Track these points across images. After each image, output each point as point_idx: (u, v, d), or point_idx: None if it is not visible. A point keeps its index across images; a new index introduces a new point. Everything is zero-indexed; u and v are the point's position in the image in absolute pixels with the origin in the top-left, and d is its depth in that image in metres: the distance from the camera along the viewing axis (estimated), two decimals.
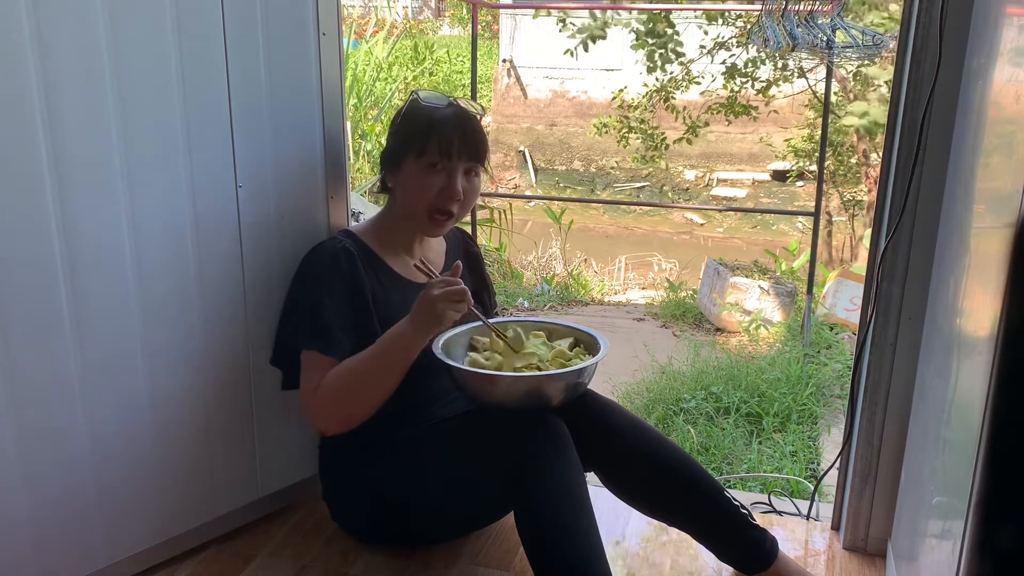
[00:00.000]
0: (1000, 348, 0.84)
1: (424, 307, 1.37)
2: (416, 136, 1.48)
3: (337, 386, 1.42)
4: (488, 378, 1.43)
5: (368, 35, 8.62)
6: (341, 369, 1.42)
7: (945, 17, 1.37)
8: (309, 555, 1.60)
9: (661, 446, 1.50)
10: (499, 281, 5.87)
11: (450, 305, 1.36)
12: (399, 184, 1.53)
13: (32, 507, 1.33)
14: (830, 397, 3.60)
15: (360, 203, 4.69)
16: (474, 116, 1.53)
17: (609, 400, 1.57)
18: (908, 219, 1.49)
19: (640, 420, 1.56)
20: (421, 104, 1.51)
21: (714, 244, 9.67)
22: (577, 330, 1.60)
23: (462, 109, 1.52)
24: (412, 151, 1.49)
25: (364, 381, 1.42)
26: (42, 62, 1.20)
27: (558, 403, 1.44)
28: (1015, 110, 0.94)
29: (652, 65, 5.87)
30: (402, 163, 1.51)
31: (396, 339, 1.40)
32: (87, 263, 1.31)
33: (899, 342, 1.54)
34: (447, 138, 1.47)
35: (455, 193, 1.49)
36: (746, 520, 1.49)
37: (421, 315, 1.38)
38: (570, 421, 1.43)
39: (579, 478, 1.37)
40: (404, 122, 1.52)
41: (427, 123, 1.48)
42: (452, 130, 1.47)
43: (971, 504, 0.88)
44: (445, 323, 1.39)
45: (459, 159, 1.48)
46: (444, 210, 1.51)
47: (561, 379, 1.43)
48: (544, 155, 12.80)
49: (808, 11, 3.61)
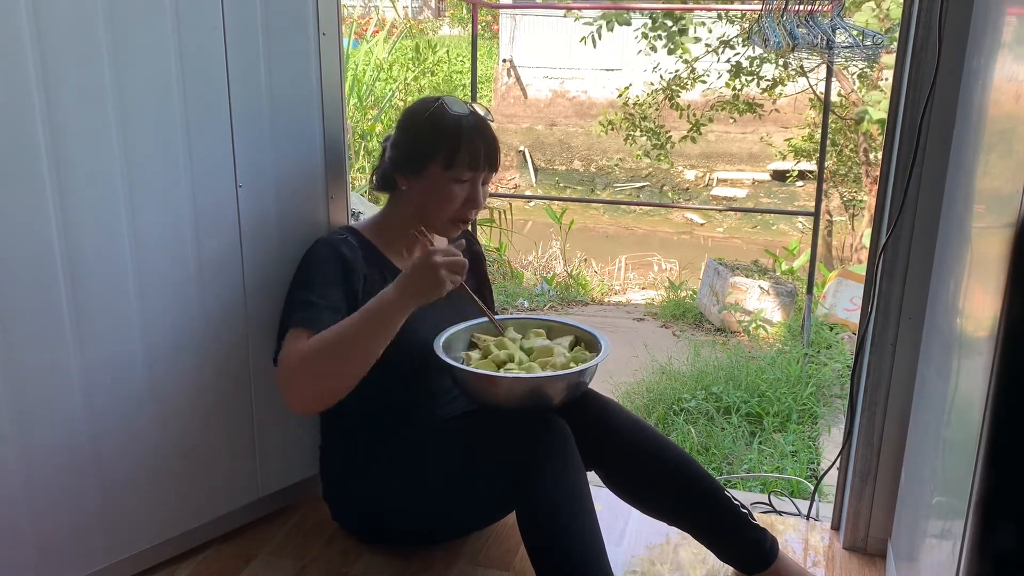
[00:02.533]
0: (1000, 348, 0.84)
1: (421, 271, 1.32)
2: (444, 145, 1.45)
3: (311, 354, 1.34)
4: (489, 379, 1.42)
5: (368, 35, 8.62)
6: (318, 337, 1.35)
7: (945, 17, 1.37)
8: (309, 555, 1.60)
9: (661, 445, 1.51)
10: (499, 281, 5.87)
11: (450, 274, 1.33)
12: (418, 189, 1.50)
13: (32, 507, 1.33)
14: (830, 397, 3.60)
15: (360, 203, 4.69)
16: (490, 124, 1.53)
17: (609, 399, 1.57)
18: (908, 218, 1.49)
19: (640, 419, 1.56)
20: (449, 112, 1.47)
21: (714, 244, 9.68)
22: (578, 328, 1.60)
23: (482, 118, 1.51)
24: (439, 160, 1.46)
25: (340, 349, 1.34)
26: (42, 63, 1.20)
27: (559, 403, 1.44)
28: (1015, 109, 0.94)
29: (672, 47, 5.84)
30: (425, 169, 1.48)
31: (380, 305, 1.34)
32: (87, 263, 1.31)
33: (899, 342, 1.54)
34: (475, 150, 1.46)
35: (479, 204, 1.50)
36: (746, 520, 1.50)
37: (415, 279, 1.33)
38: (571, 420, 1.43)
39: (580, 478, 1.37)
40: (430, 128, 1.48)
41: (455, 133, 1.46)
42: (479, 141, 1.47)
43: (971, 504, 0.88)
44: (439, 291, 1.33)
45: (484, 170, 1.49)
46: (464, 219, 1.52)
47: (562, 380, 1.43)
48: (544, 155, 12.80)
49: (808, 11, 3.61)
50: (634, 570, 1.59)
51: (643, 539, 1.69)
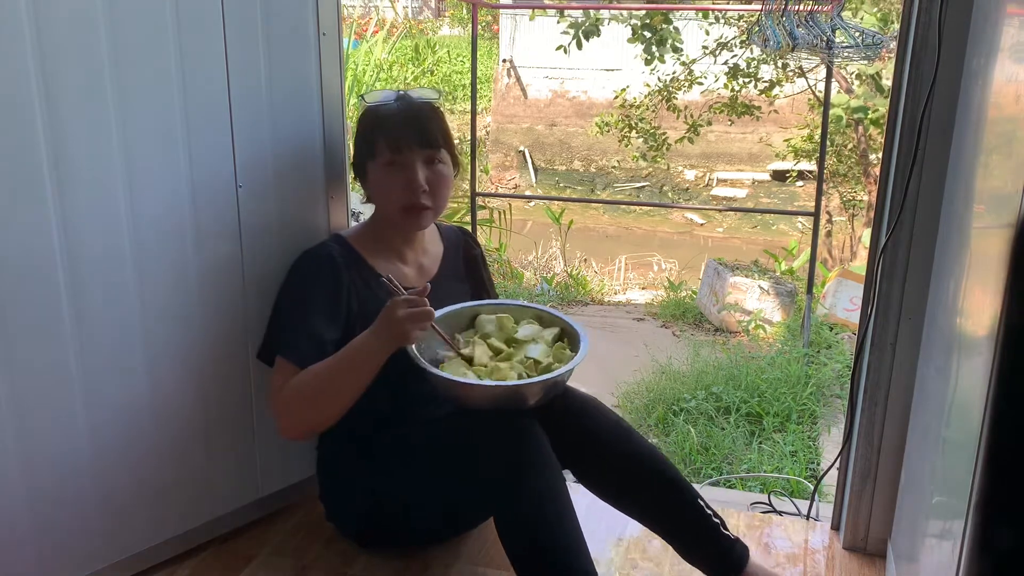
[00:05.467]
0: (1000, 348, 0.84)
1: (386, 324, 1.35)
2: (367, 138, 1.50)
3: (298, 392, 1.39)
4: (462, 385, 1.40)
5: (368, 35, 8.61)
6: (304, 375, 1.39)
7: (945, 17, 1.36)
8: (309, 555, 1.60)
9: (636, 448, 1.50)
10: (499, 281, 5.87)
11: (414, 325, 1.34)
12: (370, 191, 1.55)
13: (32, 507, 1.33)
14: (830, 397, 3.60)
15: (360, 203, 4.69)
16: (425, 104, 1.52)
17: (589, 398, 1.56)
18: (908, 218, 1.49)
19: (619, 419, 1.55)
20: (367, 105, 1.52)
21: (714, 244, 9.67)
22: (565, 322, 1.58)
23: (410, 100, 1.52)
24: (368, 155, 1.50)
25: (325, 389, 1.39)
26: (42, 63, 1.20)
27: (535, 403, 1.43)
28: (1015, 109, 0.94)
29: (649, 58, 5.85)
30: (365, 169, 1.53)
31: (359, 350, 1.37)
32: (87, 263, 1.31)
33: (899, 342, 1.54)
34: (396, 132, 1.47)
35: (418, 186, 1.48)
36: (717, 529, 1.47)
37: (383, 331, 1.35)
38: (547, 419, 1.43)
39: (557, 481, 1.36)
40: (357, 128, 1.54)
41: (374, 123, 1.50)
42: (399, 123, 1.48)
43: (971, 504, 0.88)
44: (407, 342, 1.36)
45: (412, 150, 1.48)
46: (414, 204, 1.50)
47: (537, 385, 1.42)
48: (544, 155, 12.79)
49: (808, 11, 3.61)
50: (634, 569, 1.59)
51: (644, 539, 1.68)
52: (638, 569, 1.60)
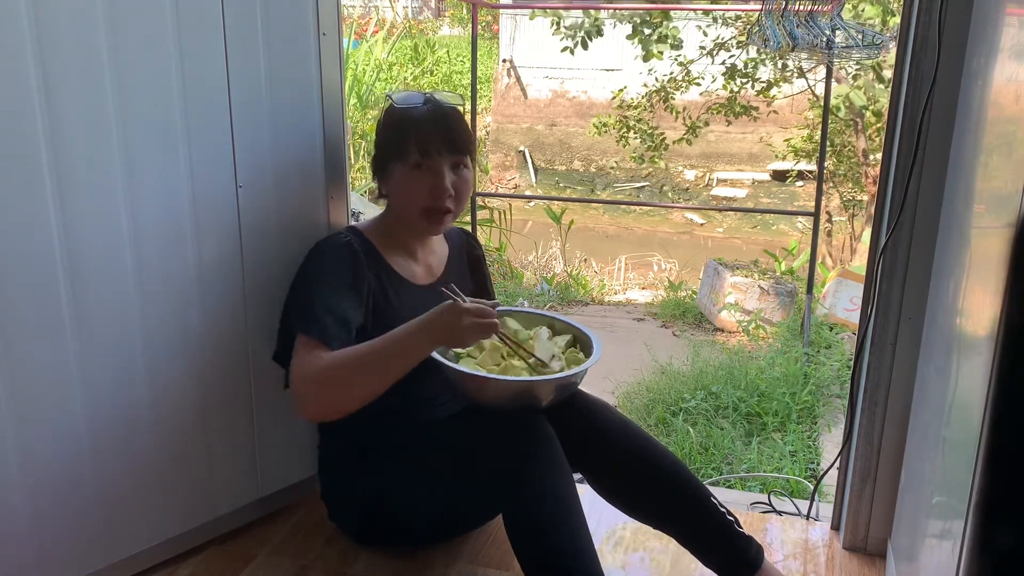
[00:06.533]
0: (1000, 348, 0.84)
1: (444, 327, 1.34)
2: (395, 140, 1.49)
3: (330, 375, 1.36)
4: (478, 379, 1.42)
5: (368, 35, 8.61)
6: (337, 358, 1.37)
7: (945, 17, 1.37)
8: (309, 555, 1.60)
9: (648, 449, 1.49)
10: (499, 281, 5.87)
11: (477, 336, 1.35)
12: (390, 190, 1.54)
13: (32, 507, 1.33)
14: (830, 397, 3.60)
15: (360, 203, 4.69)
16: (453, 109, 1.52)
17: (599, 400, 1.56)
18: (908, 218, 1.49)
19: (629, 421, 1.54)
20: (396, 107, 1.51)
21: (714, 244, 9.67)
22: (577, 329, 1.60)
23: (439, 104, 1.51)
24: (394, 156, 1.49)
25: (358, 375, 1.37)
26: (42, 64, 1.20)
27: (548, 403, 1.44)
28: (1015, 110, 0.94)
29: (647, 54, 5.84)
30: (388, 169, 1.51)
31: (402, 341, 1.36)
32: (87, 262, 1.31)
33: (899, 342, 1.54)
34: (426, 136, 1.46)
35: (444, 190, 1.48)
36: (732, 528, 1.45)
37: (439, 329, 1.34)
38: (558, 421, 1.43)
39: (566, 481, 1.36)
40: (383, 128, 1.53)
41: (404, 125, 1.49)
42: (431, 127, 1.47)
43: (971, 504, 0.88)
44: (461, 348, 1.37)
45: (442, 155, 1.48)
46: (438, 208, 1.50)
47: (551, 383, 1.43)
48: (544, 155, 12.79)
49: (808, 11, 3.61)
50: (634, 569, 1.59)
51: (645, 537, 1.68)
52: (637, 567, 1.60)
